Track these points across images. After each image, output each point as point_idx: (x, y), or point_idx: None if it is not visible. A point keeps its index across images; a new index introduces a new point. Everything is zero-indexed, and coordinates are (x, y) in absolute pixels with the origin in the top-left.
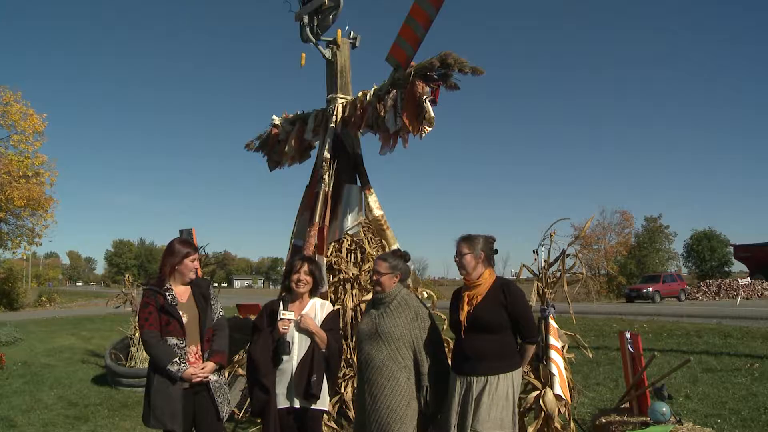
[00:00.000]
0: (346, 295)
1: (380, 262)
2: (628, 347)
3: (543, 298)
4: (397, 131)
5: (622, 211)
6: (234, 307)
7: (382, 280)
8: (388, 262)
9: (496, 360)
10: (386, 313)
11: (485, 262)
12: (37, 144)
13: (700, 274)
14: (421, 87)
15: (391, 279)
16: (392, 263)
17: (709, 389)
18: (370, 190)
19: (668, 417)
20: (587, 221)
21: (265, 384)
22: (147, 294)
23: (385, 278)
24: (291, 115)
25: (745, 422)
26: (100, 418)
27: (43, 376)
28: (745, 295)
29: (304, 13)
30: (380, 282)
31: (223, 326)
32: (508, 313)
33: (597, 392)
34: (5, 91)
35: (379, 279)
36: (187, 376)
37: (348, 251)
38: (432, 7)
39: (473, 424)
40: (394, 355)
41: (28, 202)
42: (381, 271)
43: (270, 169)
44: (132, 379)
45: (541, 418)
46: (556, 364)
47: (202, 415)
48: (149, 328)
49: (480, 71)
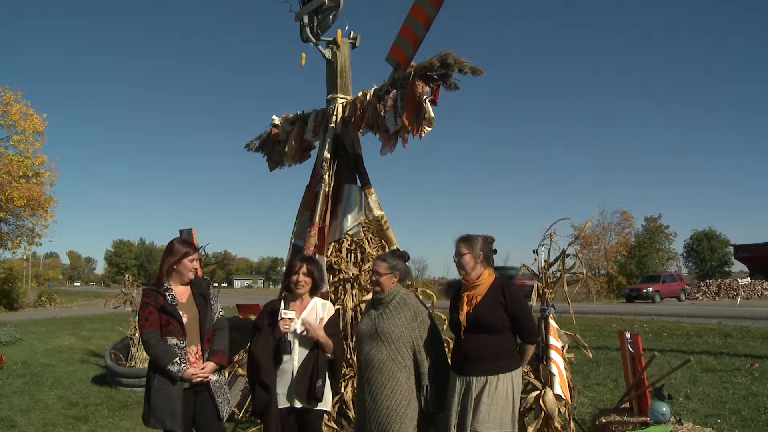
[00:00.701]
0: (346, 295)
1: (379, 263)
2: (628, 347)
3: (543, 298)
4: (397, 131)
5: (622, 211)
6: (234, 307)
7: (381, 280)
8: (387, 262)
9: (496, 360)
10: (385, 313)
11: (484, 262)
12: (37, 144)
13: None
14: (421, 87)
15: (390, 279)
16: (391, 263)
17: (709, 389)
18: (370, 190)
19: (668, 417)
20: (587, 221)
21: (267, 383)
22: (147, 294)
23: (384, 278)
24: (291, 115)
25: (745, 422)
26: (100, 418)
27: (43, 376)
28: (745, 295)
29: (304, 13)
30: (380, 282)
31: (224, 326)
32: (508, 313)
33: (597, 392)
34: (5, 91)
35: (378, 279)
36: (187, 376)
37: (348, 251)
38: (432, 7)
39: (473, 424)
40: (394, 355)
41: (28, 202)
42: (380, 271)
43: (270, 169)
44: (132, 379)
45: (541, 418)
46: (556, 364)
47: (202, 415)
48: (149, 328)
49: (480, 71)
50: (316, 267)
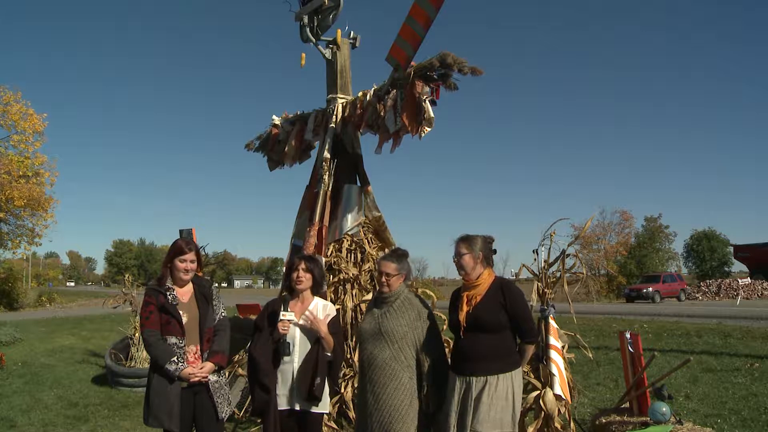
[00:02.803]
0: (346, 295)
1: (388, 264)
2: (628, 347)
3: (543, 298)
4: (397, 131)
5: (622, 211)
6: (234, 307)
7: (391, 282)
8: (396, 263)
9: (496, 360)
10: (389, 312)
11: (484, 262)
12: (37, 144)
13: (700, 274)
14: (421, 87)
15: (399, 280)
16: (399, 264)
17: (709, 389)
18: (369, 190)
19: (668, 417)
20: (587, 221)
21: (266, 384)
22: (148, 293)
23: (394, 279)
24: (291, 115)
25: (745, 422)
26: (100, 418)
27: (43, 376)
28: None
29: (304, 13)
30: (390, 284)
31: (225, 327)
32: (508, 313)
33: (597, 392)
34: (5, 91)
35: (389, 281)
36: (185, 375)
37: (348, 251)
38: (432, 7)
39: (473, 424)
40: (397, 354)
41: (28, 202)
42: (390, 273)
43: (270, 169)
44: (132, 379)
45: (541, 418)
46: (556, 364)
47: (201, 415)
48: (149, 327)
49: (479, 71)
50: (316, 265)
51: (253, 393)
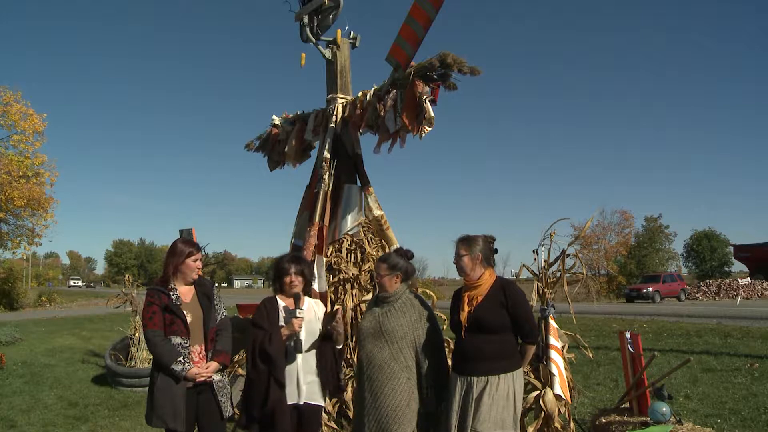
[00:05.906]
0: (346, 295)
1: (379, 264)
2: (628, 347)
3: (543, 298)
4: (397, 131)
5: (622, 211)
6: (234, 307)
7: (383, 282)
8: (386, 263)
9: (497, 360)
10: (390, 311)
11: (484, 262)
12: (37, 144)
13: (700, 274)
14: (421, 87)
15: (392, 279)
16: (391, 263)
17: (709, 389)
18: (370, 190)
19: (668, 417)
20: (587, 221)
21: (283, 381)
22: (151, 293)
23: (386, 279)
24: (291, 115)
25: (745, 422)
26: (100, 418)
27: (43, 376)
28: (745, 295)
29: (304, 13)
30: (382, 284)
31: (227, 326)
32: (509, 314)
33: (597, 392)
34: (5, 91)
35: (381, 281)
36: (191, 375)
37: (348, 251)
38: (432, 7)
39: (474, 424)
40: (397, 354)
41: (28, 202)
42: (381, 273)
43: (270, 169)
44: (132, 379)
45: (541, 418)
46: (556, 364)
47: (205, 414)
48: (153, 327)
49: (478, 71)
50: (305, 265)
51: (267, 392)
